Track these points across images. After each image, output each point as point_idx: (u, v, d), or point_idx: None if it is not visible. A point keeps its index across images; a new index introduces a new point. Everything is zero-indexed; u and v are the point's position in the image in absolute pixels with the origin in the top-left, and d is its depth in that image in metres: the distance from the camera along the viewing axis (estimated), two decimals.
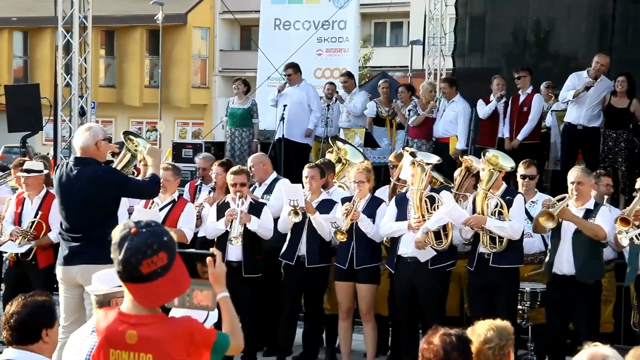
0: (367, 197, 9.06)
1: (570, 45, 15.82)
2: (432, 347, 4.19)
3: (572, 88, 12.27)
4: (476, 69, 16.67)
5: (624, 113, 12.11)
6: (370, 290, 9.06)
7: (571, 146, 12.48)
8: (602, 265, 8.49)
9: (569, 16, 15.77)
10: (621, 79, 12.11)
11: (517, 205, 8.46)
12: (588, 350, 3.79)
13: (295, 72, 14.06)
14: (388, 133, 13.92)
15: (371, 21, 38.03)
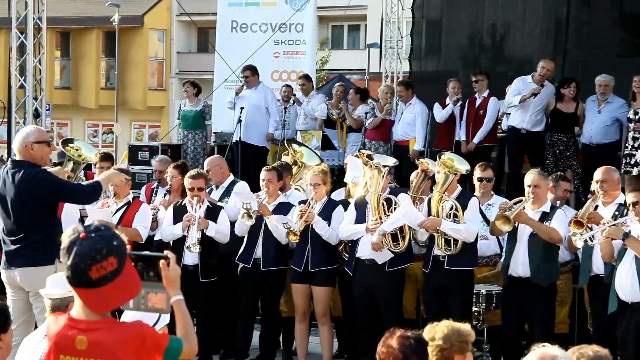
0: (323, 200, 9.07)
1: (525, 49, 15.94)
2: (390, 350, 4.19)
3: (518, 93, 12.38)
4: (433, 72, 16.74)
5: (571, 117, 12.23)
6: (326, 293, 9.07)
7: (516, 150, 12.60)
8: (557, 268, 8.56)
9: (523, 20, 15.89)
10: (572, 85, 12.24)
11: (471, 207, 8.51)
12: (537, 351, 3.81)
13: (252, 74, 14.03)
14: (338, 135, 13.94)
15: (329, 24, 38.04)
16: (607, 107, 12.09)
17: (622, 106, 12.00)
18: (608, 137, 12.08)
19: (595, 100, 12.21)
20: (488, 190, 9.39)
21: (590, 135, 12.11)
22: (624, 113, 11.83)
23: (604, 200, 8.33)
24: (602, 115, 12.08)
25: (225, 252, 9.36)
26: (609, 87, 12.09)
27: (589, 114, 12.19)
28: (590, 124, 12.13)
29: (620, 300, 7.61)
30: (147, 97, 38.18)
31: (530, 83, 12.44)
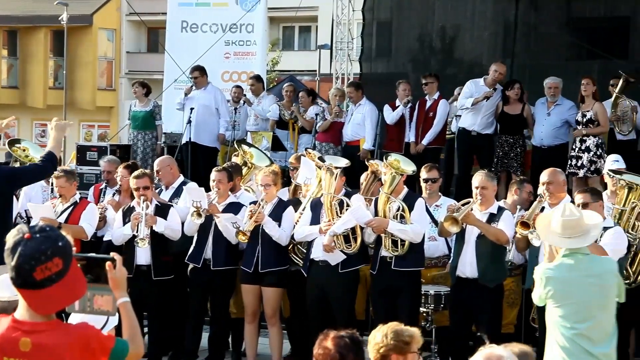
0: (274, 201, 9.07)
1: (475, 52, 16.08)
2: (327, 351, 4.21)
3: (470, 95, 12.49)
4: (383, 74, 16.82)
5: (518, 119, 12.36)
6: (276, 294, 9.07)
7: (466, 152, 12.70)
8: (504, 269, 8.64)
9: (472, 23, 16.03)
10: (517, 87, 12.38)
11: (418, 208, 8.57)
12: (484, 351, 3.86)
13: (201, 74, 13.98)
14: (290, 136, 13.95)
15: (279, 25, 38.01)
16: (557, 109, 12.23)
17: (572, 108, 12.15)
18: (558, 139, 12.22)
19: (544, 103, 12.34)
20: (435, 191, 9.45)
21: (541, 137, 12.24)
22: (573, 115, 11.99)
23: (550, 202, 8.41)
24: (551, 118, 12.22)
25: (177, 251, 9.32)
26: (558, 89, 12.23)
27: (538, 116, 12.32)
28: (541, 126, 12.26)
29: None
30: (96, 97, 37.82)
31: (482, 86, 12.55)
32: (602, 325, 6.01)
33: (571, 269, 6.01)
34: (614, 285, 6.10)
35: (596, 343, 5.93)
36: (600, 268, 6.13)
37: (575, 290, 5.99)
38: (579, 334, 5.92)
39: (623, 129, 12.21)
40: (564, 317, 5.99)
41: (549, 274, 6.06)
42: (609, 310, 6.07)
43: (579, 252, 6.02)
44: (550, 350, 6.03)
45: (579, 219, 5.98)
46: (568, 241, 5.96)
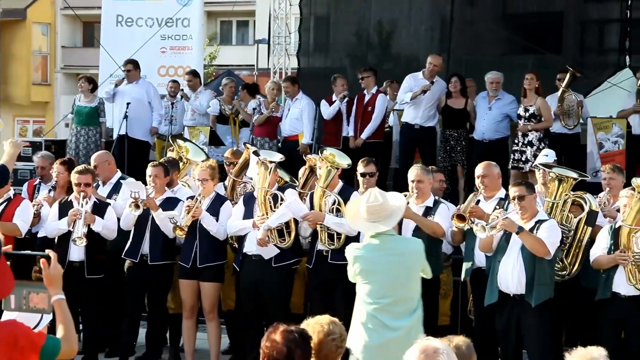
0: (211, 196, 9.04)
1: (412, 47, 16.18)
2: (274, 344, 4.21)
3: (409, 90, 12.56)
4: (320, 69, 16.84)
5: (461, 113, 12.47)
6: (214, 289, 9.04)
7: (409, 145, 12.77)
8: (440, 262, 8.71)
9: (409, 18, 16.13)
10: (454, 80, 12.49)
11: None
12: (420, 343, 3.90)
13: (134, 68, 13.90)
14: (232, 131, 13.90)
15: (217, 19, 37.83)
16: (497, 103, 12.36)
17: (512, 102, 12.30)
18: (499, 132, 12.35)
19: (485, 97, 12.47)
20: (371, 185, 9.42)
21: (483, 131, 12.36)
22: (514, 109, 12.13)
23: (485, 195, 8.52)
24: (492, 112, 12.34)
25: (112, 249, 9.23)
26: (500, 83, 12.36)
27: (480, 111, 12.44)
28: (482, 120, 12.38)
29: (501, 292, 7.77)
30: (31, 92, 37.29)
31: (421, 79, 12.62)
32: (404, 301, 6.49)
33: (377, 249, 6.49)
34: (417, 264, 6.61)
35: (397, 317, 6.37)
36: (405, 248, 6.70)
37: (380, 268, 6.47)
38: (380, 308, 6.40)
39: (569, 123, 12.38)
40: (368, 293, 6.46)
41: (357, 253, 6.56)
42: (412, 287, 6.57)
43: (386, 232, 6.48)
44: (355, 325, 6.42)
45: (382, 204, 6.40)
46: (373, 225, 6.41)
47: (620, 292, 7.64)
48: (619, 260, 7.60)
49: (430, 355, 3.82)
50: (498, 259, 7.79)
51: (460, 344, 4.30)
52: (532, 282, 7.63)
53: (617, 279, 7.65)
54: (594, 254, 7.86)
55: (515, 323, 7.75)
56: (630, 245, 7.59)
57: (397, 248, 6.60)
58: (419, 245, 6.82)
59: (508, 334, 7.82)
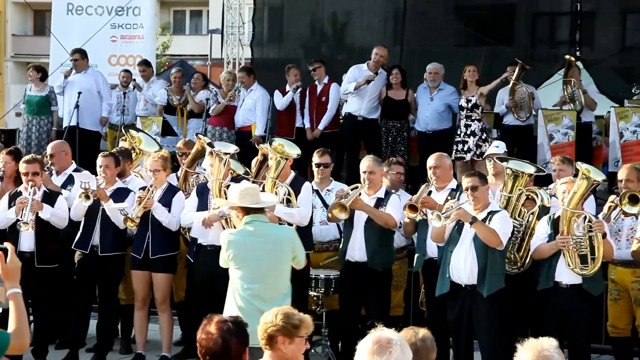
0: (163, 186, 8.99)
1: (365, 38, 16.17)
2: (210, 336, 4.21)
3: (354, 80, 12.57)
4: (274, 59, 16.79)
5: (402, 104, 12.52)
6: (166, 280, 9.00)
7: (353, 136, 12.78)
8: (392, 253, 8.76)
9: (362, 9, 16.14)
10: (395, 72, 12.53)
11: (304, 192, 8.61)
12: (374, 334, 3.91)
13: (82, 57, 13.78)
14: (179, 121, 13.82)
15: (170, 9, 37.60)
16: (439, 94, 12.44)
17: (453, 93, 12.38)
18: (442, 124, 12.42)
19: (427, 88, 12.54)
20: (327, 176, 9.48)
21: (426, 122, 12.43)
22: (455, 100, 12.21)
23: (437, 186, 8.56)
24: (434, 103, 12.42)
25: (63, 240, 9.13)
26: (439, 74, 12.43)
27: (422, 102, 12.50)
28: (425, 111, 12.45)
29: (453, 283, 7.82)
30: None
31: (365, 70, 12.64)
32: (275, 286, 6.76)
33: (250, 235, 6.72)
34: (289, 251, 6.83)
35: (268, 302, 6.50)
36: (277, 235, 6.92)
37: (251, 253, 6.71)
38: (252, 294, 6.67)
39: (521, 115, 12.48)
40: (241, 278, 6.71)
41: (231, 238, 6.79)
42: (283, 273, 6.83)
43: (259, 219, 6.74)
44: (228, 309, 6.66)
45: (253, 187, 6.87)
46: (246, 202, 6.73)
47: (562, 282, 7.72)
48: (559, 245, 7.67)
49: (383, 346, 3.84)
50: (450, 250, 7.83)
51: (426, 337, 4.33)
52: (484, 273, 7.68)
53: (559, 269, 7.72)
54: (534, 243, 7.92)
55: (467, 313, 7.80)
56: (571, 230, 7.67)
57: (270, 235, 6.83)
58: (291, 232, 7.15)
59: (460, 325, 7.87)
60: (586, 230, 7.64)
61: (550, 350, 4.06)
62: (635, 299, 8.30)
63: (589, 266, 7.61)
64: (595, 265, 7.60)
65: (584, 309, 7.75)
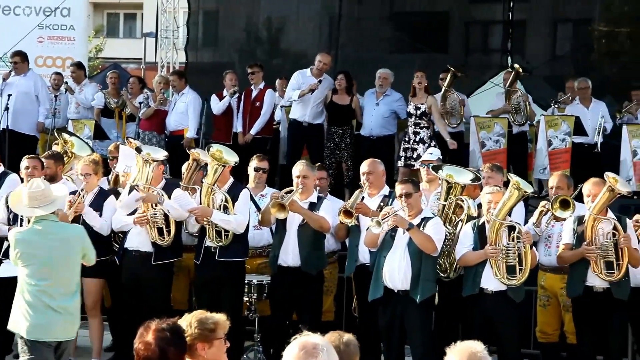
0: (94, 190, 8.91)
1: (301, 43, 16.22)
2: (147, 346, 4.18)
3: (297, 87, 12.54)
4: (209, 64, 16.74)
5: (347, 110, 12.54)
6: (97, 285, 8.90)
7: (297, 142, 12.77)
8: (324, 257, 8.78)
9: (298, 14, 16.16)
10: (340, 77, 12.53)
11: (242, 199, 8.58)
12: (300, 339, 3.91)
13: (22, 60, 13.56)
14: (117, 125, 13.67)
15: (104, 11, 37.20)
16: (385, 99, 12.43)
17: (399, 100, 12.39)
18: (386, 129, 12.43)
19: (373, 93, 12.53)
20: (262, 181, 9.46)
21: (371, 127, 12.42)
22: (402, 106, 12.24)
23: (370, 192, 8.59)
24: (380, 108, 12.41)
25: None
26: (388, 80, 12.43)
27: (367, 107, 12.51)
28: (370, 117, 12.44)
29: (386, 288, 7.84)
30: None
31: (309, 77, 12.62)
32: (64, 283, 6.88)
33: (38, 233, 6.85)
34: (78, 249, 7.00)
35: (57, 298, 6.77)
36: (65, 233, 7.02)
37: (40, 251, 6.82)
38: (41, 290, 6.77)
39: (452, 121, 12.58)
40: (29, 275, 6.80)
41: (18, 237, 6.88)
42: (72, 270, 6.97)
43: (48, 218, 6.87)
44: (19, 306, 6.80)
45: (43, 190, 6.86)
46: (36, 210, 6.83)
47: (488, 288, 7.78)
48: (489, 255, 7.73)
49: (309, 352, 3.83)
50: (384, 255, 7.85)
51: (350, 341, 4.33)
52: (417, 278, 7.72)
53: (485, 275, 7.78)
54: (459, 251, 7.96)
55: (399, 319, 7.83)
56: (499, 240, 7.75)
57: (57, 233, 6.93)
58: (80, 231, 7.24)
59: (392, 330, 7.90)
60: (515, 241, 7.72)
61: (483, 352, 4.10)
62: (564, 305, 8.43)
63: (517, 276, 7.68)
64: (523, 276, 7.67)
65: (510, 314, 7.82)
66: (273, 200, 8.33)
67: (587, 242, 7.81)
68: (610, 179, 7.78)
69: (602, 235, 7.82)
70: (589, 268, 7.83)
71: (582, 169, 10.94)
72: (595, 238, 7.81)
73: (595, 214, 7.82)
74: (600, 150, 11.94)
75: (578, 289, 7.93)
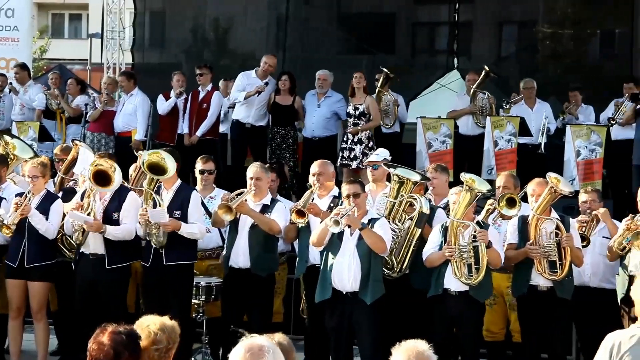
0: (41, 193, 8.80)
1: (248, 44, 16.20)
2: (101, 347, 4.14)
3: (242, 88, 12.56)
4: (156, 64, 16.65)
5: (289, 110, 12.57)
6: (43, 288, 8.81)
7: (240, 143, 12.78)
8: (276, 259, 8.78)
9: (245, 15, 16.14)
10: (284, 78, 12.57)
11: (194, 204, 8.52)
12: (245, 341, 3.92)
13: None
14: (58, 126, 13.54)
15: (49, 12, 36.79)
16: (326, 101, 12.50)
17: (340, 101, 12.47)
18: (328, 130, 12.49)
19: (315, 95, 12.59)
20: (210, 183, 9.44)
21: (312, 129, 12.47)
22: (342, 107, 12.31)
23: (319, 193, 8.62)
24: (321, 109, 12.47)
25: None
26: (327, 81, 12.50)
27: (309, 108, 12.56)
28: (312, 118, 12.50)
29: (334, 290, 7.86)
30: None
31: (254, 78, 12.64)
32: None
33: None
34: None
35: None
36: None
37: None
38: None
39: (386, 122, 12.69)
40: None
41: None
42: None
43: None
44: None
45: None
46: None
47: (451, 289, 7.84)
48: (446, 255, 7.81)
49: (255, 354, 3.85)
50: (332, 257, 7.87)
51: (282, 340, 4.35)
52: (367, 279, 7.76)
53: (448, 276, 7.83)
54: (426, 252, 8.02)
55: (348, 320, 7.85)
56: (457, 239, 7.82)
57: None
58: None
59: (340, 331, 7.92)
60: (471, 240, 7.79)
61: (429, 351, 4.15)
62: (510, 304, 8.53)
63: (474, 275, 7.75)
64: (480, 275, 7.73)
65: (472, 315, 7.87)
66: (221, 202, 8.32)
67: (531, 241, 7.93)
68: (552, 179, 7.89)
69: (545, 235, 7.93)
70: (533, 267, 7.93)
71: (527, 169, 11.10)
72: (538, 238, 7.93)
73: (538, 214, 7.93)
74: (544, 151, 12.11)
75: (523, 288, 8.03)
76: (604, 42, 15.95)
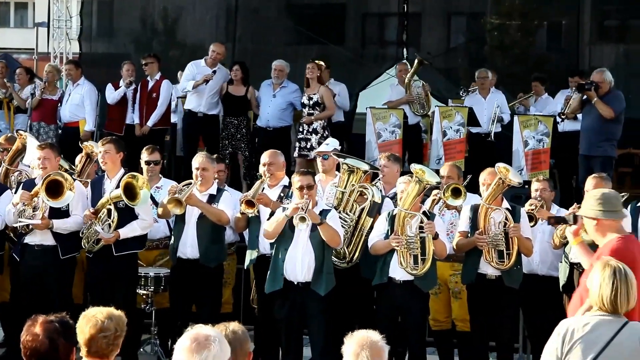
0: None
1: (198, 34, 16.07)
2: (35, 337, 4.09)
3: (192, 77, 12.50)
4: (104, 54, 16.46)
5: (242, 101, 12.53)
6: None
7: (192, 133, 12.72)
8: (224, 249, 8.75)
9: (194, 5, 16.02)
10: (235, 68, 12.54)
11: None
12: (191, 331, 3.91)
13: None
14: (5, 116, 13.36)
15: None
16: (282, 91, 12.48)
17: (296, 91, 12.46)
18: (283, 120, 12.46)
19: (270, 85, 12.56)
20: (156, 173, 9.37)
21: (267, 119, 12.43)
22: (297, 98, 12.31)
23: (270, 183, 8.60)
24: (277, 100, 12.44)
25: None
26: (284, 72, 12.48)
27: (264, 98, 12.53)
28: (267, 108, 12.46)
29: (285, 280, 7.84)
30: None
31: (203, 67, 12.59)
32: None
33: None
34: None
35: None
36: None
37: None
38: None
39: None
40: None
41: None
42: None
43: None
44: None
45: None
46: None
47: (396, 277, 7.87)
48: (392, 244, 7.83)
49: (202, 343, 3.83)
50: (284, 247, 7.85)
51: (237, 329, 4.32)
52: (321, 271, 7.78)
53: (393, 265, 7.87)
54: (372, 239, 8.05)
55: (298, 310, 7.86)
56: (404, 230, 7.85)
57: None
58: None
59: (291, 321, 7.92)
60: (418, 231, 7.82)
61: (382, 341, 4.16)
62: (452, 292, 8.62)
63: (419, 266, 7.79)
64: (425, 266, 7.78)
65: (417, 304, 7.91)
66: (170, 196, 8.25)
67: (479, 231, 7.99)
68: (501, 169, 7.96)
69: (493, 225, 8.00)
70: (482, 256, 8.00)
71: (478, 159, 11.17)
72: (487, 227, 7.99)
73: (487, 203, 8.00)
74: (493, 139, 12.21)
75: (471, 276, 8.10)
76: (551, 34, 16.10)
